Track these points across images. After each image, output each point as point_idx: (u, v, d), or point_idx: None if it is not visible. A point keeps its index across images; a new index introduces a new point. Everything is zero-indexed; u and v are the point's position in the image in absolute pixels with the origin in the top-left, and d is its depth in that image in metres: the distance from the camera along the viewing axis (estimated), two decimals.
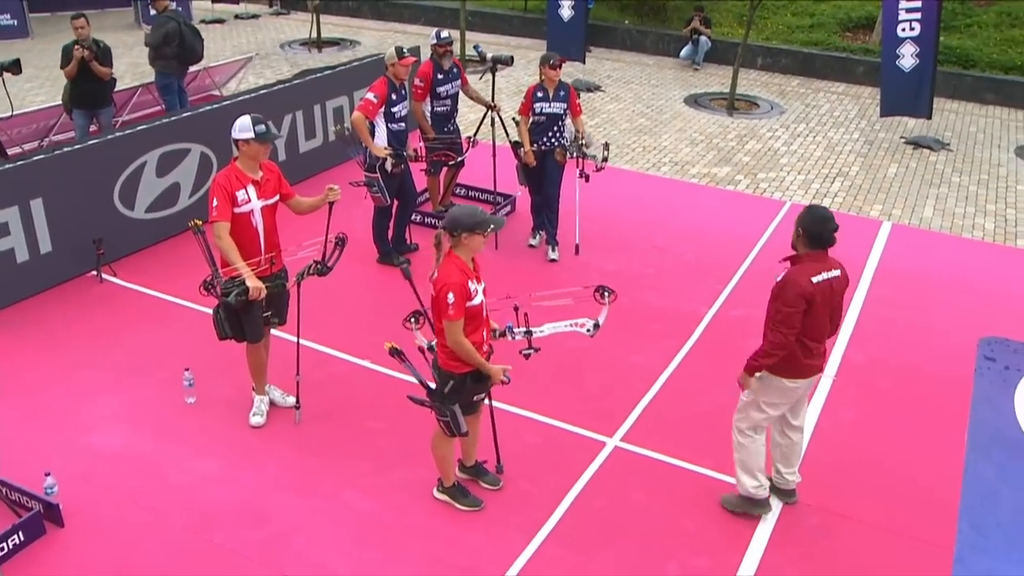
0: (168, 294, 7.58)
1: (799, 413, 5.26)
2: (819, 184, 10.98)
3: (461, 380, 4.82)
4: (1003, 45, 15.26)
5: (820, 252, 4.85)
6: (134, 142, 8.08)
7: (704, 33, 16.25)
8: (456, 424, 4.84)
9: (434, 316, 4.78)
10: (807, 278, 4.80)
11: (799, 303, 4.78)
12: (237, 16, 18.84)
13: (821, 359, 5.08)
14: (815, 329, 4.92)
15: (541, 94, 8.22)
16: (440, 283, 4.61)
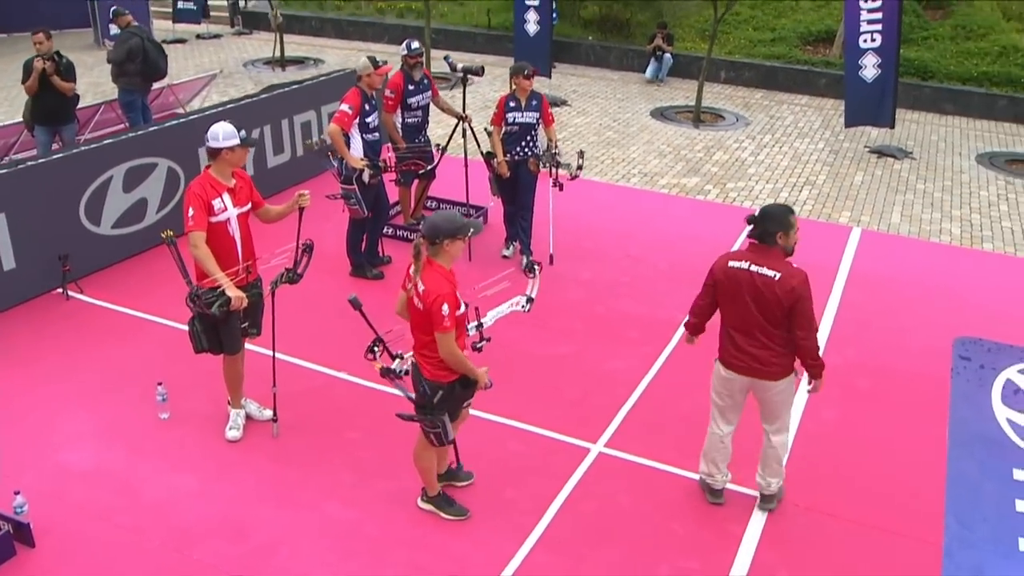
0: (137, 310, 7.41)
1: (767, 416, 5.16)
2: (787, 192, 11.07)
3: (450, 388, 4.74)
4: (959, 57, 15.55)
5: (761, 245, 4.86)
6: (100, 156, 7.92)
7: (667, 50, 16.39)
8: (446, 433, 4.79)
9: (417, 328, 4.70)
10: (727, 259, 4.97)
11: (709, 276, 5.08)
12: (199, 36, 18.68)
13: (755, 360, 4.91)
14: (734, 318, 4.95)
15: (513, 104, 8.20)
16: (433, 295, 4.51)
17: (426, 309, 4.55)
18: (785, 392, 5.03)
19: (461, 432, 5.37)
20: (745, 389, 5.08)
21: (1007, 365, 7.06)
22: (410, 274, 4.68)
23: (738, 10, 17.10)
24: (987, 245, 9.67)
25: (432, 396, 4.71)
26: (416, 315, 4.66)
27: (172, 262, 5.25)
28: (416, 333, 4.73)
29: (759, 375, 4.94)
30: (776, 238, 4.80)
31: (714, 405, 5.26)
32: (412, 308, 4.68)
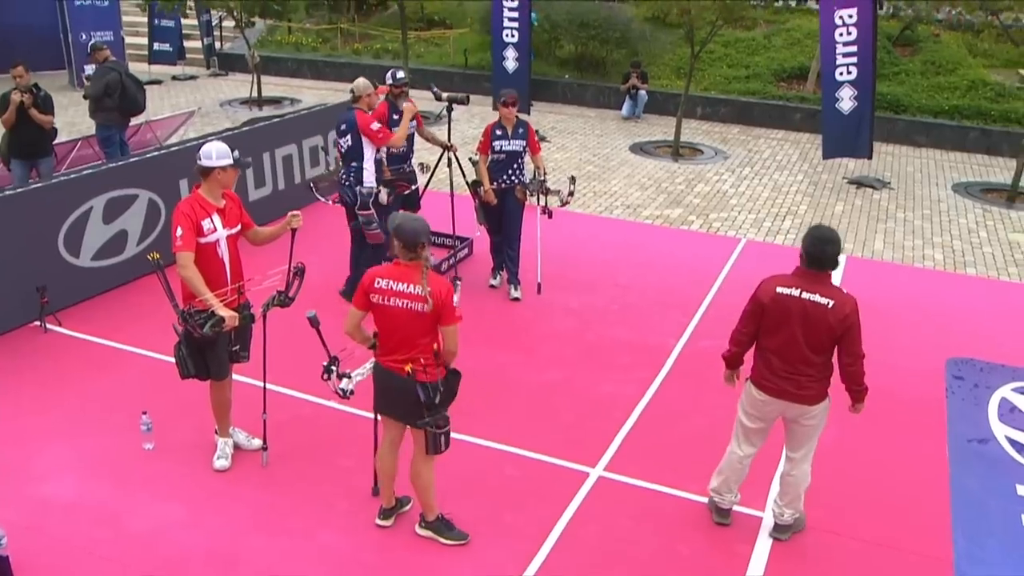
0: (118, 342, 7.20)
1: (793, 444, 5.03)
2: (770, 222, 11.10)
3: (447, 383, 4.72)
4: (930, 91, 15.83)
5: (813, 272, 4.71)
6: (79, 187, 7.76)
7: (641, 88, 16.54)
8: (449, 435, 4.72)
9: (413, 334, 4.59)
10: (773, 285, 4.79)
11: (752, 303, 4.87)
12: (174, 78, 18.61)
13: (792, 384, 4.78)
14: (777, 344, 4.78)
15: (500, 132, 8.16)
16: (446, 289, 4.58)
17: (437, 308, 4.53)
18: (818, 418, 4.91)
19: (456, 457, 5.24)
20: (777, 414, 4.95)
21: (1001, 384, 7.05)
22: (384, 288, 4.59)
23: (712, 48, 17.31)
24: (970, 270, 9.71)
25: (433, 397, 4.60)
26: (413, 321, 4.57)
27: (153, 295, 5.14)
28: (407, 341, 4.61)
29: (795, 399, 4.81)
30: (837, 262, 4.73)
31: (740, 426, 5.11)
32: (402, 318, 4.58)
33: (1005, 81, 16.11)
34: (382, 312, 4.63)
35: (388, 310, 4.60)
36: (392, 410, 4.85)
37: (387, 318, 4.62)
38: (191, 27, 19.42)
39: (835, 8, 11.81)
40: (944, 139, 14.94)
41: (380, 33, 20.36)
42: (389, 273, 4.64)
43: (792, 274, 4.80)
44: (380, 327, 4.71)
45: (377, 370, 4.81)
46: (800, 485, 5.03)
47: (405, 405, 4.69)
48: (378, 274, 4.66)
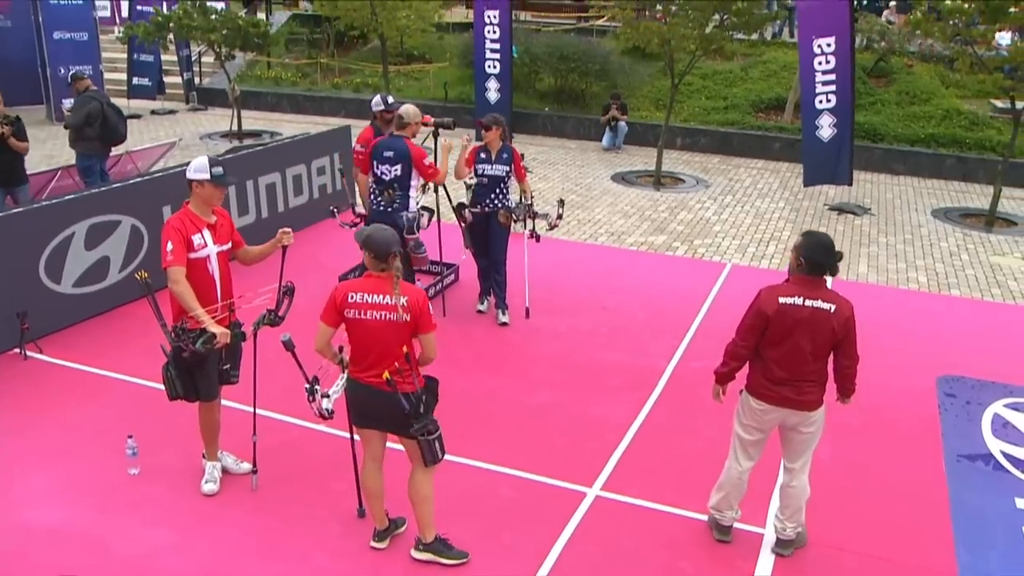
0: (101, 368, 7.05)
1: (792, 454, 4.98)
2: (755, 248, 11.13)
3: (429, 389, 4.65)
4: (906, 120, 16.05)
5: (810, 278, 4.68)
6: (61, 212, 7.64)
7: (621, 119, 16.67)
8: (442, 440, 4.65)
9: (391, 345, 4.53)
10: (775, 296, 4.74)
11: (754, 316, 4.79)
12: (154, 112, 18.53)
13: (795, 391, 4.74)
14: (782, 354, 4.73)
15: (484, 155, 8.14)
16: (423, 297, 4.58)
17: (415, 316, 4.51)
18: (817, 425, 4.86)
19: (451, 479, 5.15)
20: (776, 423, 4.89)
21: (992, 400, 7.05)
22: (359, 302, 4.53)
23: (690, 80, 17.47)
24: (954, 291, 9.77)
25: (418, 406, 4.53)
26: (391, 333, 4.51)
27: (136, 322, 5.05)
28: (385, 353, 4.54)
29: (795, 405, 4.77)
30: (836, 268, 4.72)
31: (737, 439, 5.05)
32: (380, 331, 4.52)
33: (978, 110, 16.37)
34: (358, 327, 4.57)
35: (364, 324, 4.54)
36: (374, 424, 4.77)
37: (363, 332, 4.56)
38: (170, 63, 19.37)
39: (813, 37, 11.98)
40: (921, 167, 15.13)
41: (360, 68, 20.41)
42: (362, 287, 4.58)
43: (790, 283, 4.77)
44: (356, 342, 4.63)
45: (353, 386, 4.72)
46: (801, 497, 4.96)
47: (389, 418, 4.62)
48: (350, 289, 4.60)
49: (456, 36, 21.19)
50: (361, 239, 4.64)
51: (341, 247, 9.65)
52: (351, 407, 4.84)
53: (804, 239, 4.74)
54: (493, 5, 14.57)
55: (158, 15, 14.50)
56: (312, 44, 22.32)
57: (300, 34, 22.89)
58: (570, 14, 23.69)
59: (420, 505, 4.81)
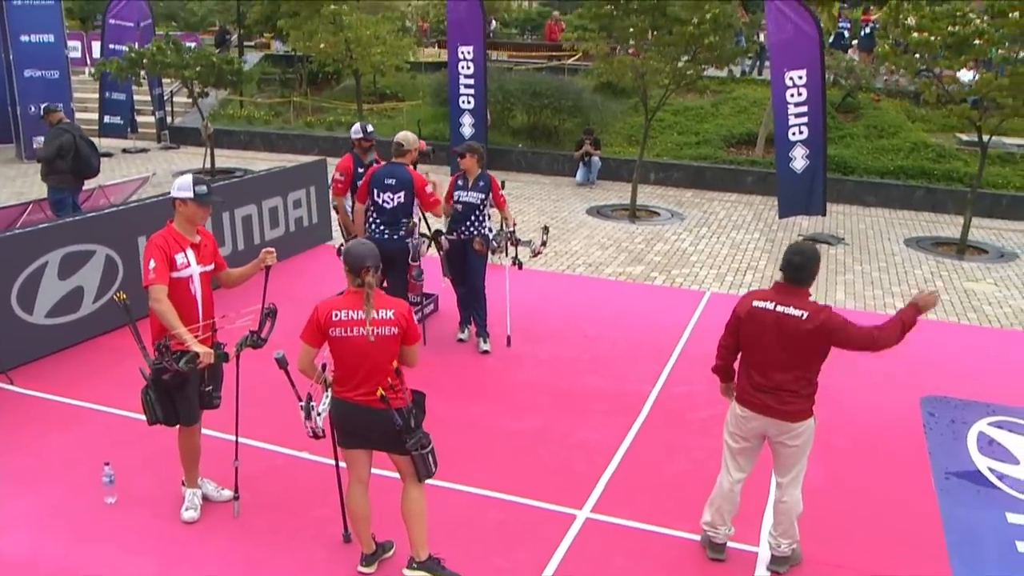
0: (76, 399, 6.88)
1: (781, 468, 4.93)
2: (732, 277, 11.17)
3: (418, 403, 4.62)
4: (875, 153, 16.32)
5: (788, 285, 4.73)
6: (34, 241, 7.51)
7: (595, 154, 16.79)
8: (435, 453, 4.59)
9: (380, 361, 4.47)
10: (751, 299, 4.84)
11: (732, 315, 4.91)
12: (125, 150, 18.39)
13: (775, 399, 4.72)
14: (755, 357, 4.79)
15: (461, 183, 8.11)
16: (407, 307, 4.55)
17: (403, 328, 4.47)
18: (803, 439, 4.80)
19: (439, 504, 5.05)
20: (761, 432, 4.86)
21: (976, 419, 7.07)
22: (345, 320, 4.47)
23: (662, 117, 17.67)
24: (931, 316, 9.83)
25: (409, 420, 4.46)
26: (381, 348, 4.45)
27: (111, 353, 4.93)
28: (375, 370, 4.47)
29: (776, 415, 4.73)
30: (814, 277, 4.73)
31: (727, 448, 5.02)
32: (370, 348, 4.45)
33: (944, 143, 16.69)
34: (344, 345, 4.50)
35: (351, 341, 4.47)
36: (363, 443, 4.67)
37: (350, 350, 4.48)
38: (143, 102, 19.29)
39: (785, 70, 12.15)
40: (891, 198, 15.35)
41: (333, 106, 20.45)
42: (345, 304, 4.52)
43: (770, 288, 4.87)
44: (342, 361, 4.55)
45: (339, 406, 4.63)
46: (792, 512, 4.92)
47: (380, 436, 4.54)
48: (333, 307, 4.53)
49: (428, 75, 21.32)
50: (343, 252, 4.62)
51: (317, 279, 9.58)
52: (338, 427, 4.74)
53: (789, 247, 4.80)
54: (467, 41, 14.66)
55: (131, 51, 14.43)
56: (284, 84, 22.37)
57: (272, 74, 22.96)
58: (541, 53, 23.95)
59: (414, 522, 4.69)
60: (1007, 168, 15.72)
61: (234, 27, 23.99)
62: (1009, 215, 14.67)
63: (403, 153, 7.66)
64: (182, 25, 29.18)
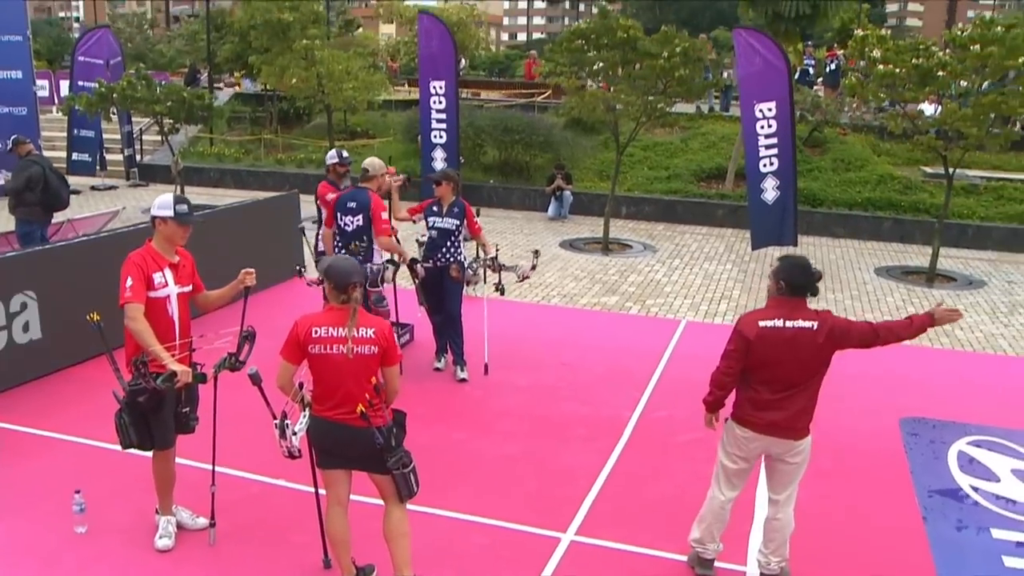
0: (44, 429, 6.69)
1: (777, 485, 4.88)
2: (707, 306, 11.21)
3: (399, 423, 4.52)
4: (843, 186, 16.56)
5: (790, 299, 4.63)
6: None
7: (567, 189, 16.89)
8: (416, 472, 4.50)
9: (360, 379, 4.40)
10: (755, 320, 4.69)
11: (736, 341, 4.72)
12: (93, 188, 18.21)
13: (782, 415, 4.66)
14: (767, 377, 4.65)
15: (436, 208, 8.09)
16: (388, 327, 4.50)
17: (382, 347, 4.41)
18: (803, 455, 4.77)
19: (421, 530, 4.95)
20: (760, 451, 4.79)
21: (955, 439, 7.10)
22: (325, 337, 4.41)
23: (632, 152, 17.86)
24: (905, 342, 9.90)
25: (390, 439, 4.37)
26: (361, 366, 4.39)
27: (80, 384, 4.80)
28: (355, 389, 4.39)
29: (781, 434, 4.67)
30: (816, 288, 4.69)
31: (721, 468, 4.94)
32: (349, 366, 4.40)
33: (910, 175, 16.98)
34: (324, 362, 4.43)
35: (330, 359, 4.40)
36: (343, 463, 4.58)
37: (330, 367, 4.41)
38: (112, 140, 19.19)
39: (755, 102, 12.33)
40: (860, 229, 15.55)
41: (304, 143, 20.43)
42: (326, 320, 4.46)
43: (769, 306, 4.74)
44: (322, 378, 4.47)
45: (318, 425, 4.53)
46: (786, 530, 4.86)
47: (360, 455, 4.46)
48: (313, 323, 4.46)
49: (399, 113, 21.41)
50: (323, 269, 4.54)
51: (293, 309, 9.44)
52: (317, 447, 4.64)
53: (781, 262, 4.74)
54: (439, 76, 14.74)
55: (101, 86, 14.34)
56: (255, 122, 22.35)
57: (243, 113, 22.93)
58: (511, 92, 24.16)
59: (397, 543, 4.58)
60: (971, 199, 16.02)
61: (204, 66, 23.97)
62: (975, 244, 14.92)
63: (368, 178, 7.68)
64: (151, 66, 29.13)
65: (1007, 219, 15.35)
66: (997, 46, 11.30)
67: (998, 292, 12.31)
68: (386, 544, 4.62)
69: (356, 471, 4.61)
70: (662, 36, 13.12)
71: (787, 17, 15.25)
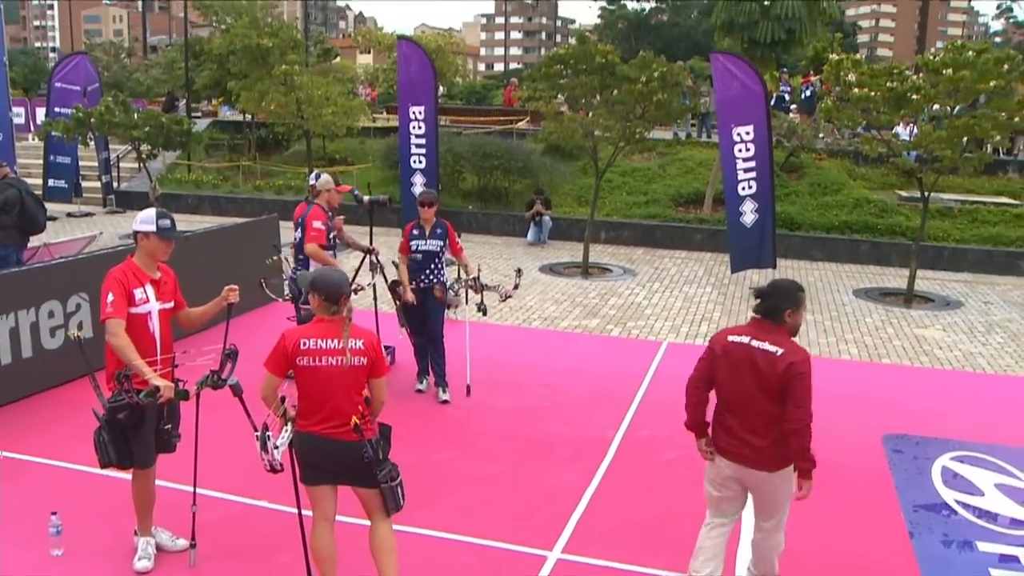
0: (20, 453, 6.56)
1: (762, 510, 4.78)
2: (687, 327, 11.23)
3: (386, 435, 4.52)
4: (819, 209, 16.72)
5: (765, 321, 4.57)
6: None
7: (546, 214, 16.94)
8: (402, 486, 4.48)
9: (348, 391, 4.38)
10: (725, 334, 4.69)
11: (706, 351, 4.73)
12: (70, 215, 18.06)
13: (743, 445, 4.53)
14: (729, 396, 4.59)
15: (417, 232, 8.06)
16: (376, 338, 4.47)
17: (371, 359, 4.41)
18: (783, 485, 4.62)
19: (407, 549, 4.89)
20: (735, 480, 4.67)
21: (938, 455, 7.11)
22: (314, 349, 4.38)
23: (610, 177, 17.93)
24: (885, 360, 9.97)
25: (378, 452, 4.34)
26: (351, 378, 4.36)
27: (57, 408, 4.73)
28: (345, 401, 4.37)
29: (752, 464, 4.54)
30: (785, 315, 4.52)
31: (708, 496, 4.86)
32: (340, 378, 4.36)
33: (886, 199, 17.18)
34: (312, 375, 4.38)
35: (319, 371, 4.36)
36: (330, 478, 4.52)
37: (319, 380, 4.37)
38: (89, 168, 19.06)
39: (732, 125, 12.45)
40: (838, 252, 15.69)
41: (282, 170, 20.39)
42: (314, 332, 4.43)
43: (747, 324, 4.73)
44: (309, 392, 4.42)
45: (303, 440, 4.47)
46: (775, 551, 4.83)
47: (347, 469, 4.40)
48: (302, 335, 4.43)
49: (377, 140, 21.45)
50: (307, 282, 4.50)
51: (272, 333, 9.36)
52: (303, 463, 4.57)
53: (767, 284, 4.74)
54: (418, 101, 14.79)
55: (79, 111, 14.27)
56: (233, 149, 22.30)
57: (221, 140, 22.89)
58: (489, 118, 24.27)
59: (384, 558, 4.51)
60: (946, 222, 16.21)
61: (182, 94, 23.93)
62: (951, 266, 15.08)
63: (316, 194, 7.90)
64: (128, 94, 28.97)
65: (982, 241, 15.54)
66: (969, 70, 11.50)
67: (975, 312, 12.42)
68: (373, 560, 4.55)
69: (342, 486, 4.55)
70: (640, 61, 13.26)
71: (762, 43, 15.43)
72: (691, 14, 73.47)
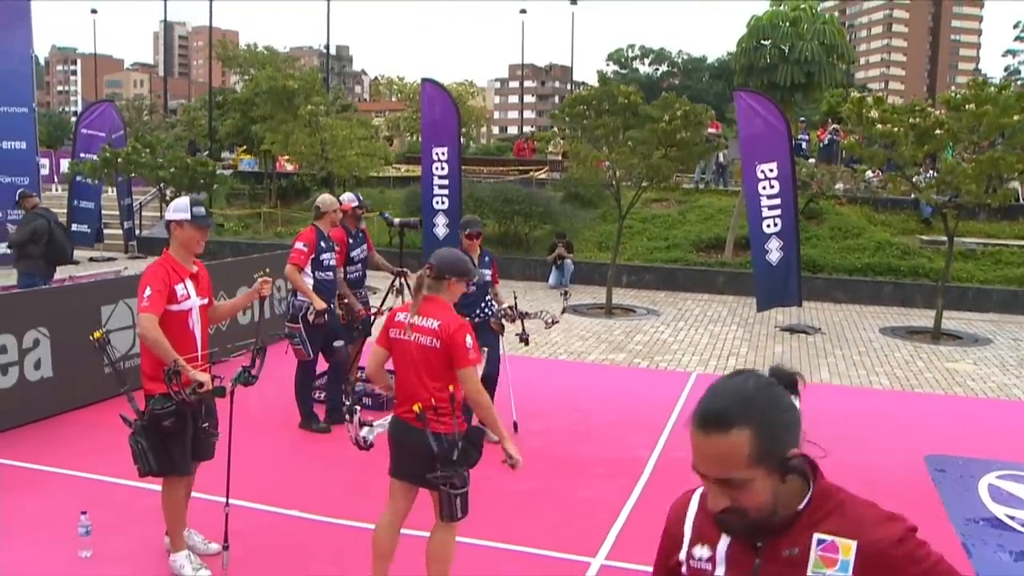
0: (48, 465, 6.46)
1: None
2: (715, 362, 11.10)
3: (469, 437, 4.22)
4: (842, 252, 16.67)
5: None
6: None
7: (568, 257, 16.94)
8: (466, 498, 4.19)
9: (422, 375, 4.19)
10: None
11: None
12: (92, 259, 18.16)
13: None
14: None
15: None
16: (455, 325, 4.16)
17: (445, 344, 4.12)
18: None
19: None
20: None
21: (983, 474, 6.93)
22: (402, 321, 4.24)
23: (630, 224, 17.98)
24: (918, 389, 9.80)
25: (449, 451, 4.09)
26: (422, 359, 4.17)
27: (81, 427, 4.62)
28: (418, 384, 4.19)
29: None
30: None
31: None
32: (412, 356, 4.20)
33: (908, 242, 17.12)
34: (397, 348, 4.26)
35: (402, 345, 4.24)
36: (403, 472, 4.32)
37: (401, 356, 4.25)
38: (111, 216, 19.23)
39: (756, 162, 12.46)
40: (861, 294, 15.58)
41: (303, 217, 20.47)
42: (408, 307, 4.33)
43: None
44: (396, 369, 4.31)
45: (392, 425, 4.34)
46: None
47: (414, 460, 4.18)
48: (401, 308, 4.37)
49: (397, 190, 21.59)
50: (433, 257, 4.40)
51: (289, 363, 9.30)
52: (390, 450, 4.38)
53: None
54: (441, 142, 14.89)
55: (106, 151, 14.42)
56: (254, 198, 22.49)
57: (241, 189, 23.10)
58: (508, 168, 24.47)
59: (437, 565, 4.33)
60: (970, 263, 16.13)
61: (205, 141, 24.24)
62: (976, 307, 14.93)
63: (320, 216, 7.70)
64: None
65: (1007, 282, 15.43)
66: (991, 105, 11.53)
67: (1005, 348, 12.26)
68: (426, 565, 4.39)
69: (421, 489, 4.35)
70: (663, 101, 13.38)
71: (782, 86, 15.54)
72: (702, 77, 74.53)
